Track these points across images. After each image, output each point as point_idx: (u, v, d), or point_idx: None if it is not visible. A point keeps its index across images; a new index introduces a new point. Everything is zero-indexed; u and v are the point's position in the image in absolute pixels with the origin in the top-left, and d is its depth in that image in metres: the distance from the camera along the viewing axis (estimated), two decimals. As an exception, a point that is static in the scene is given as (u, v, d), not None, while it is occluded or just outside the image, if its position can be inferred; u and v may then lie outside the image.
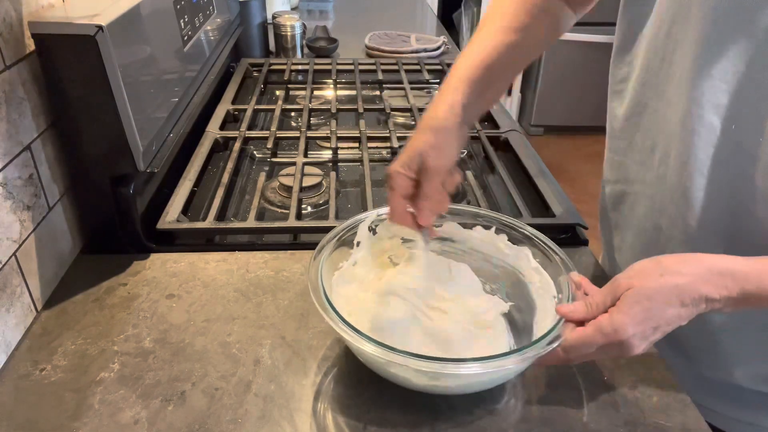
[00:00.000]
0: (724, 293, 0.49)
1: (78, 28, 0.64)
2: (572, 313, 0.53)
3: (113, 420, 0.55)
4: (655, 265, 0.51)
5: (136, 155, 0.72)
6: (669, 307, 0.49)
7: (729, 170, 0.58)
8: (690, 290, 0.49)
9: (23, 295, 0.64)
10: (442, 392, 0.57)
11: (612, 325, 0.50)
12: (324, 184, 0.93)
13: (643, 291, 0.50)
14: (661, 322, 0.50)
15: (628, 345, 0.50)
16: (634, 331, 0.49)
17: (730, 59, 0.55)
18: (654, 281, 0.50)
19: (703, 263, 0.51)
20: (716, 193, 0.59)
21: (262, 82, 1.27)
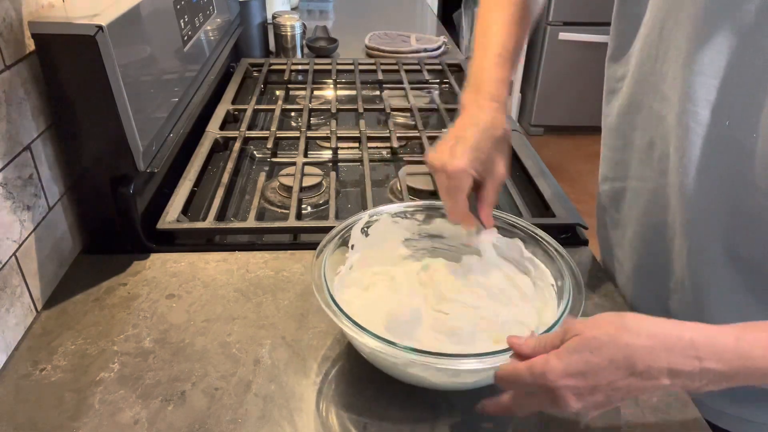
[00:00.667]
0: (696, 365, 0.41)
1: (78, 28, 0.64)
2: (520, 346, 0.49)
3: (113, 420, 0.55)
4: (615, 319, 0.45)
5: (136, 155, 0.72)
6: (614, 368, 0.42)
7: (725, 165, 0.58)
8: (644, 356, 0.42)
9: (23, 295, 0.64)
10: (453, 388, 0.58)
11: (543, 367, 0.44)
12: (324, 184, 0.93)
13: (588, 341, 0.44)
14: (601, 382, 0.43)
15: (559, 397, 0.44)
16: (566, 383, 0.44)
17: (719, 54, 0.55)
18: (605, 334, 0.43)
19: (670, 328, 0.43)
20: (714, 188, 0.59)
21: (262, 82, 1.27)
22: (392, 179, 0.97)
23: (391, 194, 0.93)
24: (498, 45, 0.67)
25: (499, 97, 0.65)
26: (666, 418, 0.56)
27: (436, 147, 0.63)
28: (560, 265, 0.61)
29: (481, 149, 0.61)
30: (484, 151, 0.62)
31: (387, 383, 0.58)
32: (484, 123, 0.63)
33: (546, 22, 3.11)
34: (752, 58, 0.53)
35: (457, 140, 0.62)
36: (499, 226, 0.67)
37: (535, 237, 0.66)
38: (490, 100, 0.64)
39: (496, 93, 0.65)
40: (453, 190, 0.61)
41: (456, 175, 0.60)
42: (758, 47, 0.52)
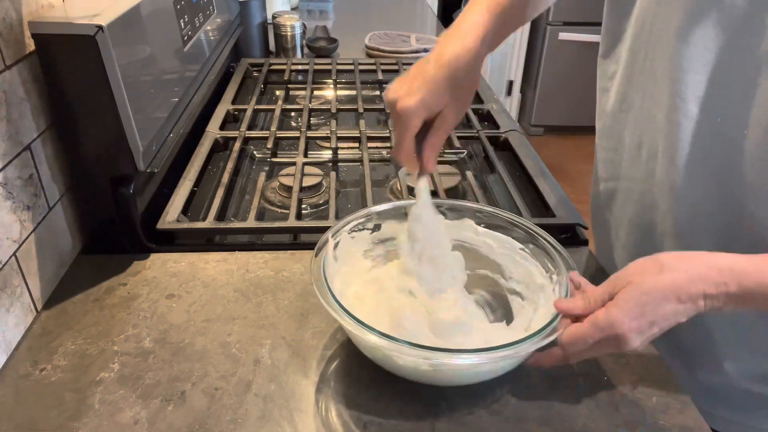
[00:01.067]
0: (723, 290, 0.49)
1: (78, 28, 0.64)
2: (571, 308, 0.54)
3: (113, 420, 0.55)
4: (653, 263, 0.51)
5: (136, 155, 0.72)
6: (666, 303, 0.49)
7: (716, 162, 0.58)
8: (687, 287, 0.49)
9: (23, 295, 0.64)
10: (441, 383, 0.58)
11: (607, 319, 0.50)
12: (324, 184, 0.93)
13: (640, 287, 0.50)
14: (657, 317, 0.49)
15: (624, 340, 0.50)
16: (630, 326, 0.49)
17: (707, 50, 0.55)
18: (651, 278, 0.50)
19: (701, 260, 0.50)
20: (705, 187, 0.59)
21: (262, 82, 1.27)
22: (392, 179, 0.97)
23: (391, 194, 0.93)
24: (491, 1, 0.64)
25: (473, 37, 0.61)
26: (666, 418, 0.56)
27: (396, 80, 0.61)
28: (556, 260, 0.61)
29: (438, 89, 0.58)
30: (440, 91, 0.58)
31: (387, 383, 0.58)
32: (448, 60, 0.59)
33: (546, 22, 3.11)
34: (741, 53, 0.53)
35: (415, 75, 0.59)
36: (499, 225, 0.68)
37: (529, 231, 0.66)
38: (462, 36, 0.60)
39: (472, 33, 0.61)
40: (400, 128, 0.59)
41: (404, 114, 0.58)
42: (746, 42, 0.52)
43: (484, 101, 1.22)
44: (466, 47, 0.60)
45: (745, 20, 0.52)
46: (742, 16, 0.52)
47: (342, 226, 0.66)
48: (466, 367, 0.54)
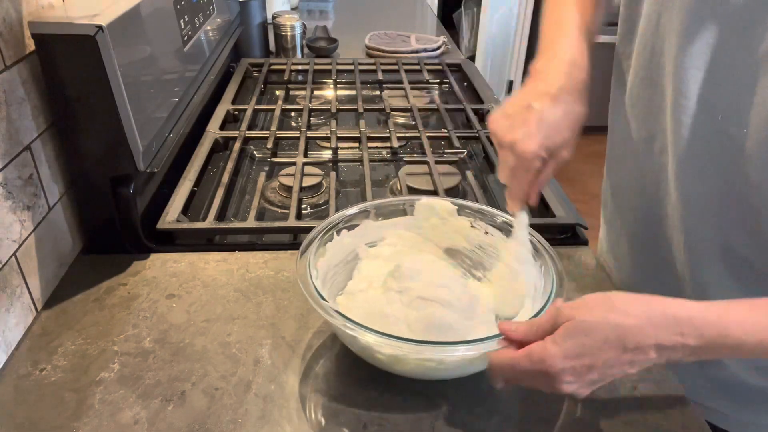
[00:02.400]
0: (679, 341, 0.44)
1: (78, 28, 0.64)
2: (511, 331, 0.50)
3: (113, 420, 0.55)
4: (603, 300, 0.47)
5: (136, 155, 0.72)
6: (607, 347, 0.44)
7: (719, 159, 0.58)
8: (635, 334, 0.44)
9: (23, 295, 0.64)
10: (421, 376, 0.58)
11: (541, 354, 0.46)
12: (324, 184, 0.93)
13: (581, 325, 0.45)
14: (596, 361, 0.45)
15: (557, 379, 0.46)
16: (563, 366, 0.45)
17: (707, 47, 0.55)
18: (596, 316, 0.45)
19: (655, 307, 0.45)
20: (706, 183, 0.60)
21: (262, 82, 1.27)
22: (392, 179, 0.97)
23: (391, 194, 0.93)
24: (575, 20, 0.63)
25: (581, 63, 0.59)
26: (666, 418, 0.56)
27: (501, 110, 0.58)
28: (544, 258, 0.62)
29: (556, 127, 0.56)
30: (563, 134, 0.57)
31: (387, 383, 0.58)
32: (561, 91, 0.57)
33: (546, 22, 3.11)
34: (741, 52, 0.53)
35: (529, 110, 0.56)
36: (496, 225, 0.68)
37: (508, 224, 0.66)
38: (570, 64, 0.59)
39: (577, 59, 0.59)
40: (519, 171, 0.56)
41: (525, 158, 0.55)
42: (747, 41, 0.52)
43: (484, 101, 1.22)
44: (576, 78, 0.59)
45: (746, 19, 0.52)
46: (743, 14, 0.52)
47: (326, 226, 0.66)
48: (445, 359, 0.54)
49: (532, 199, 0.61)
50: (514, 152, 0.56)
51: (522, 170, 0.57)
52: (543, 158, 0.57)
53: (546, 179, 0.60)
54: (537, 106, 0.57)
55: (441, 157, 1.01)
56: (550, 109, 0.56)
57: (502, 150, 0.58)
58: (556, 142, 0.57)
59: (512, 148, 0.56)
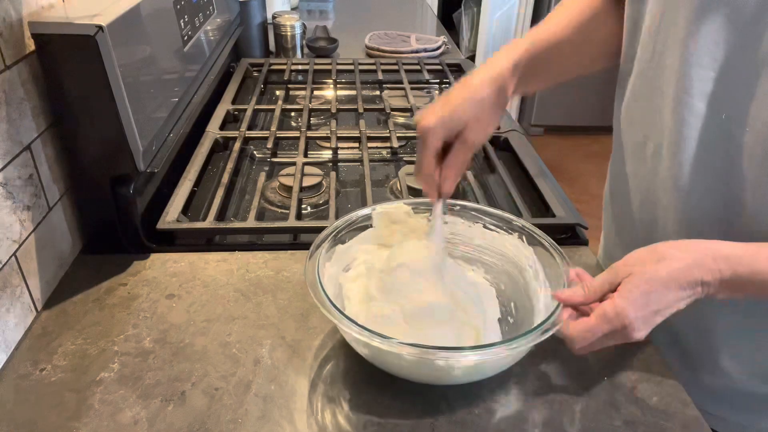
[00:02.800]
0: (717, 276, 0.50)
1: (78, 28, 0.64)
2: (570, 297, 0.54)
3: (113, 420, 0.55)
4: (651, 253, 0.53)
5: (136, 155, 0.72)
6: (668, 291, 0.50)
7: (719, 159, 0.58)
8: (686, 274, 0.50)
9: (23, 295, 0.64)
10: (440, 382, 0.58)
11: (615, 310, 0.51)
12: (324, 184, 0.93)
13: (642, 277, 0.51)
14: (661, 305, 0.51)
15: (630, 329, 0.51)
16: (636, 315, 0.50)
17: (716, 45, 0.55)
18: (652, 267, 0.51)
19: (697, 247, 0.52)
20: (708, 183, 0.59)
21: (262, 82, 1.27)
22: (392, 179, 0.97)
23: (391, 194, 0.93)
24: (534, 37, 0.68)
25: (506, 60, 0.64)
26: (666, 418, 0.56)
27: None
28: (557, 260, 0.61)
29: (460, 111, 0.60)
30: (463, 113, 0.61)
31: (387, 383, 0.58)
32: (472, 86, 0.62)
33: (546, 22, 3.11)
34: (747, 51, 0.53)
35: (441, 97, 0.62)
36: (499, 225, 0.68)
37: (532, 234, 0.66)
38: (489, 70, 0.64)
39: (504, 57, 0.64)
40: (419, 146, 0.61)
41: (422, 132, 0.59)
42: (756, 39, 0.52)
43: (484, 101, 1.22)
44: (494, 69, 0.63)
45: (753, 18, 0.52)
46: (750, 13, 0.52)
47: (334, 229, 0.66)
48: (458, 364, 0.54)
49: (445, 186, 0.62)
50: (417, 131, 0.60)
51: (421, 146, 0.60)
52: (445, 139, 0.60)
53: (454, 162, 0.62)
54: (447, 96, 0.62)
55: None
56: (456, 92, 0.62)
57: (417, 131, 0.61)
58: (455, 119, 0.60)
59: (416, 128, 0.60)
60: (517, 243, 0.67)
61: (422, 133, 0.60)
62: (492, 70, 0.64)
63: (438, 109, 0.60)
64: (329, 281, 0.62)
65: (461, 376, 0.56)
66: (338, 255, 0.66)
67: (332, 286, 0.63)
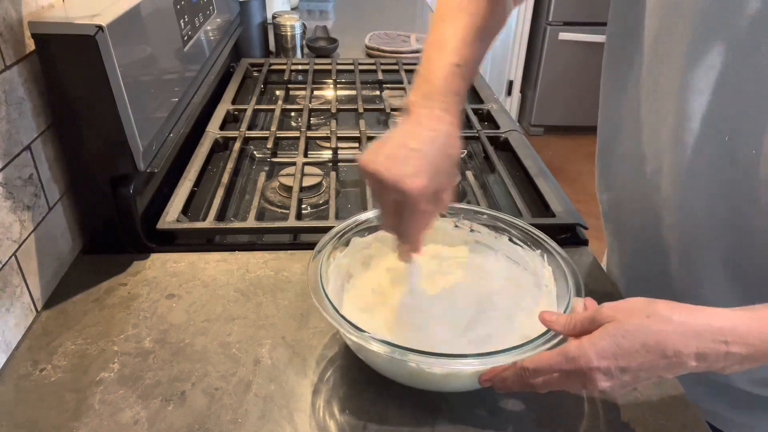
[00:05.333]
0: (723, 349, 0.44)
1: (78, 28, 0.64)
2: (552, 323, 0.51)
3: (113, 420, 0.55)
4: (646, 305, 0.47)
5: (136, 155, 0.72)
6: (645, 352, 0.44)
7: (725, 182, 0.57)
8: (674, 341, 0.44)
9: (23, 295, 0.64)
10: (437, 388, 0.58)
11: (578, 351, 0.46)
12: (324, 184, 0.93)
13: (621, 326, 0.46)
14: (631, 364, 0.45)
15: (590, 378, 0.46)
16: (598, 365, 0.45)
17: (713, 69, 0.54)
18: (636, 321, 0.45)
19: (699, 315, 0.45)
20: (713, 205, 0.59)
21: (262, 82, 1.27)
22: (392, 179, 0.97)
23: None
24: (455, 55, 0.59)
25: (454, 112, 0.57)
26: (666, 418, 0.56)
27: (374, 150, 0.53)
28: (562, 267, 0.61)
29: (439, 170, 0.53)
30: (442, 170, 0.54)
31: (387, 384, 0.58)
32: (442, 138, 0.54)
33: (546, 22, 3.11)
34: (746, 72, 0.53)
35: (411, 151, 0.52)
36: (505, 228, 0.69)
37: (536, 238, 0.66)
38: (445, 112, 0.56)
39: (451, 107, 0.56)
40: (407, 214, 0.53)
41: (414, 195, 0.51)
42: (753, 61, 0.52)
43: (484, 101, 1.22)
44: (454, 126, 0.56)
45: (753, 38, 0.51)
46: (750, 34, 0.51)
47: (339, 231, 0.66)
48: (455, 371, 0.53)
49: (419, 249, 0.58)
50: (399, 190, 0.51)
51: (410, 212, 0.53)
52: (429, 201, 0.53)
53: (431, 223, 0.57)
54: (416, 145, 0.53)
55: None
56: (431, 150, 0.53)
57: (384, 191, 0.52)
58: (439, 183, 0.54)
59: (397, 186, 0.51)
60: (538, 261, 0.65)
61: (413, 195, 0.51)
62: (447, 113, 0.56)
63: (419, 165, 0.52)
64: (336, 270, 0.64)
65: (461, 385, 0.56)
66: (354, 245, 0.67)
67: (339, 277, 0.64)
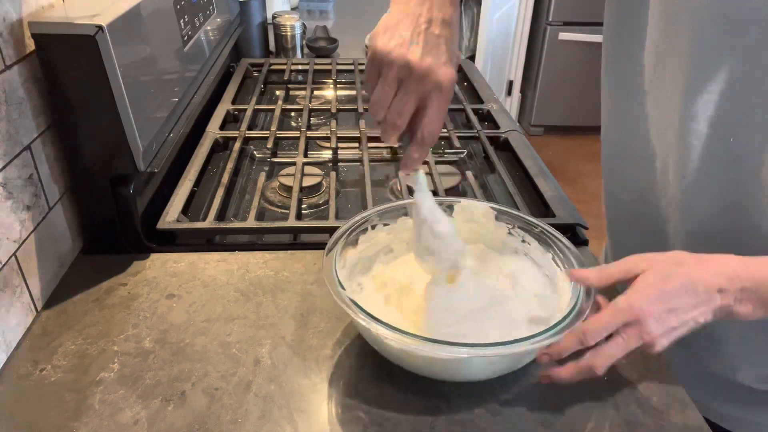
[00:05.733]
0: (737, 285, 0.49)
1: (78, 28, 0.64)
2: (585, 277, 0.54)
3: (113, 420, 0.55)
4: (673, 257, 0.53)
5: (136, 155, 0.72)
6: (684, 293, 0.49)
7: (729, 183, 0.57)
8: (704, 280, 0.50)
9: (23, 295, 0.64)
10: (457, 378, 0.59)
11: (628, 301, 0.50)
12: (324, 184, 0.93)
13: (659, 273, 0.50)
14: (675, 306, 0.49)
15: (643, 324, 0.49)
16: (650, 310, 0.49)
17: (721, 72, 0.54)
18: (671, 267, 0.51)
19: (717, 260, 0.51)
20: (717, 206, 0.59)
21: (262, 82, 1.27)
22: (392, 179, 0.97)
23: (392, 194, 0.93)
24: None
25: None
26: (666, 418, 0.56)
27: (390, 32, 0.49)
28: (572, 261, 0.62)
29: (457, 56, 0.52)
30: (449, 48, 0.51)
31: (387, 383, 0.58)
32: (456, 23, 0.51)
33: (546, 22, 3.11)
34: (755, 76, 0.53)
35: (437, 37, 0.49)
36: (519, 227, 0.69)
37: (546, 234, 0.66)
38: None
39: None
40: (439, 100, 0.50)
41: (451, 86, 0.49)
42: (758, 64, 0.52)
43: (484, 101, 1.22)
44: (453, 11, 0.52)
45: (759, 44, 0.51)
46: (756, 40, 0.51)
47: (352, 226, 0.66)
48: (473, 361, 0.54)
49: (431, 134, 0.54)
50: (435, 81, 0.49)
51: (443, 101, 0.50)
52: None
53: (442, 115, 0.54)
54: (438, 31, 0.50)
55: (441, 157, 1.01)
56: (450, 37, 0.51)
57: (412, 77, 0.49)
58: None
59: (432, 76, 0.48)
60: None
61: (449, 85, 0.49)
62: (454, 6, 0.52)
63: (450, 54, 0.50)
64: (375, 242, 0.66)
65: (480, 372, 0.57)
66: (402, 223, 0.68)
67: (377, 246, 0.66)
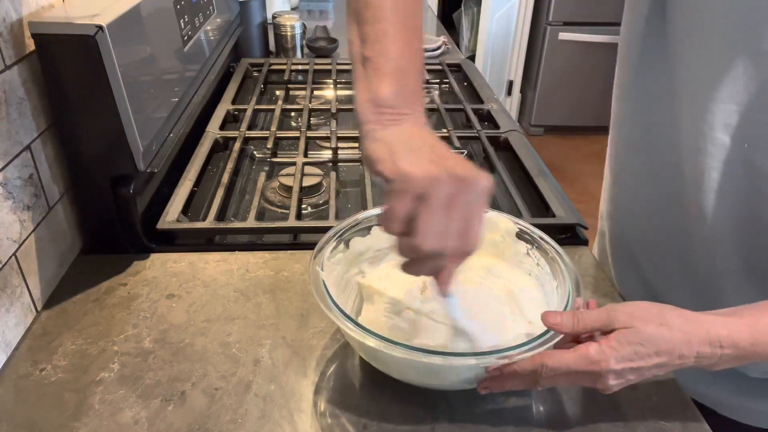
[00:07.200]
0: (718, 352, 0.49)
1: (78, 28, 0.64)
2: (559, 325, 0.51)
3: (113, 420, 0.55)
4: (658, 313, 0.50)
5: (136, 155, 0.72)
6: (657, 356, 0.49)
7: (744, 189, 0.57)
8: (681, 347, 0.49)
9: (23, 295, 0.64)
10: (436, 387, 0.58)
11: (600, 356, 0.48)
12: (324, 184, 0.93)
13: (641, 335, 0.49)
14: (644, 365, 0.49)
15: (604, 379, 0.49)
16: (615, 367, 0.48)
17: (738, 80, 0.54)
18: (652, 329, 0.49)
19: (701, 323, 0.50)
20: (732, 213, 0.59)
21: (262, 82, 1.27)
22: (392, 179, 0.97)
23: (391, 194, 0.93)
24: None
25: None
26: (666, 418, 0.56)
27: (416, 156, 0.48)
28: (559, 266, 0.61)
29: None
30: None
31: (387, 384, 0.58)
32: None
33: (546, 22, 3.11)
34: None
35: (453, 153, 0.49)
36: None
37: (533, 237, 0.65)
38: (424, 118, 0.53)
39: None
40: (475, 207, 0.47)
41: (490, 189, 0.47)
42: None
43: (484, 101, 1.22)
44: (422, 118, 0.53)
45: None
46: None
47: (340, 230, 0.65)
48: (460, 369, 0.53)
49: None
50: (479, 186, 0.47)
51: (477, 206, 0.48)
52: None
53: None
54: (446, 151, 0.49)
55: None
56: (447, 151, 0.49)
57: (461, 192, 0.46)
58: None
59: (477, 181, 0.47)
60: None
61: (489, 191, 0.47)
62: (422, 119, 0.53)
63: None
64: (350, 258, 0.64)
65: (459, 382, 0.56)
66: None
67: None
